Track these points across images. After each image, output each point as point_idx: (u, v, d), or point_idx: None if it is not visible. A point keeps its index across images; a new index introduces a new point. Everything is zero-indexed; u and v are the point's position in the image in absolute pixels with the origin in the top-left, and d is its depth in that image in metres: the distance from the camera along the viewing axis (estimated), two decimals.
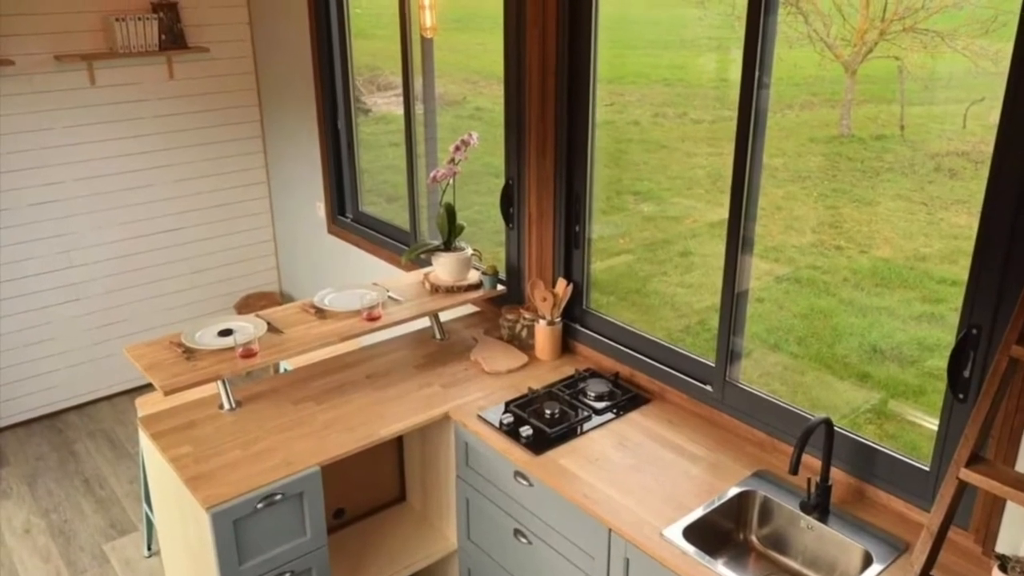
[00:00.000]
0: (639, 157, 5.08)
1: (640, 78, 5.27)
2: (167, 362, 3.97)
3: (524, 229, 4.71)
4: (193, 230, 7.16)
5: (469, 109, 7.20)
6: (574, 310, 4.61)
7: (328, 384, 4.29)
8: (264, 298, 7.48)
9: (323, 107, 6.33)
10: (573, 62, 4.27)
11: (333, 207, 6.59)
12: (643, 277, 5.02)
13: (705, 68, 4.89)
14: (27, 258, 6.42)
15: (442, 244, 4.86)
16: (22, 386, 6.64)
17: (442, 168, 4.64)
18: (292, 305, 4.65)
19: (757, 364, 4.18)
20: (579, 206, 4.46)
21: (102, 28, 6.32)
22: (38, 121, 6.23)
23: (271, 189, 7.47)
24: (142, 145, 6.73)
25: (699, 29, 4.62)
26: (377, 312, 4.42)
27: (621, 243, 5.09)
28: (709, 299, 4.47)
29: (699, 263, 4.87)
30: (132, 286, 6.95)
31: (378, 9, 6.27)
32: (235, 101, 7.10)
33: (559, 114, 4.36)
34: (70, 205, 6.51)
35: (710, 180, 4.67)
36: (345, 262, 6.63)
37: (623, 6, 4.59)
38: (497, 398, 4.10)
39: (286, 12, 6.48)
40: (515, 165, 4.65)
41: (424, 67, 5.51)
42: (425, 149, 5.67)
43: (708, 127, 4.84)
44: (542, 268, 4.68)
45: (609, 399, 4.05)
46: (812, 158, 4.24)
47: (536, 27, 4.28)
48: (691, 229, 4.97)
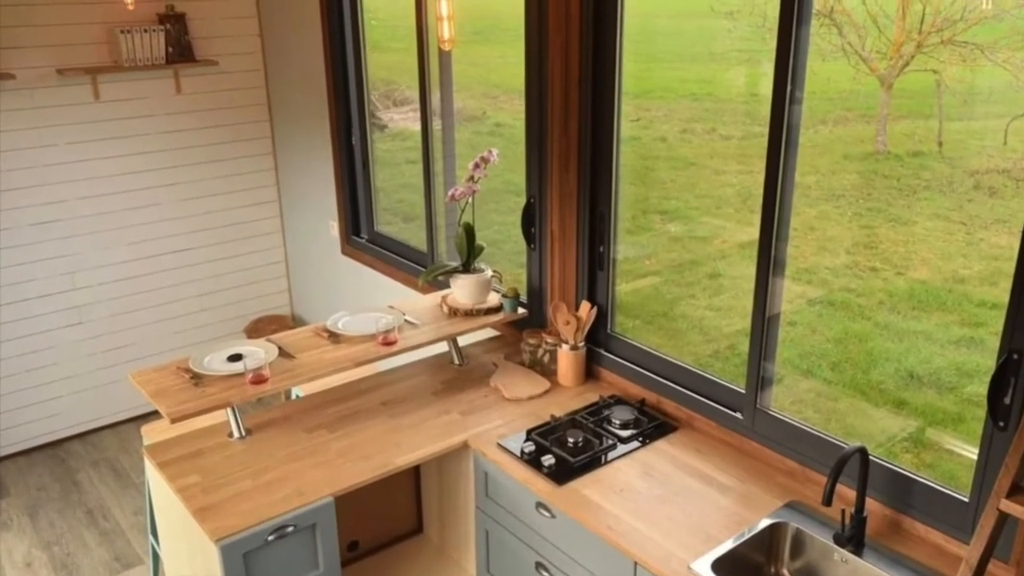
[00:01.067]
0: (666, 175, 5.09)
1: (667, 92, 5.29)
2: (174, 388, 4.01)
3: (546, 250, 4.75)
4: (201, 251, 7.22)
5: (489, 125, 7.21)
6: (598, 334, 4.63)
7: (342, 411, 4.32)
8: (275, 322, 7.53)
9: (337, 123, 6.38)
10: (597, 75, 4.30)
11: (347, 227, 6.63)
12: (670, 300, 5.03)
13: (735, 82, 4.89)
14: (28, 280, 6.48)
15: (461, 265, 4.89)
16: (23, 413, 6.69)
17: (461, 186, 4.68)
18: (304, 329, 4.70)
19: (789, 391, 4.19)
20: (603, 226, 4.49)
21: (106, 40, 6.40)
22: (40, 137, 6.30)
23: (282, 208, 7.53)
24: (148, 162, 6.80)
25: (728, 41, 4.64)
26: (393, 336, 4.47)
27: (647, 264, 5.10)
28: (739, 323, 4.49)
29: (728, 285, 4.88)
30: (138, 309, 7.00)
31: (394, 21, 6.32)
32: (245, 116, 7.17)
33: (583, 130, 4.39)
34: (73, 225, 6.57)
35: (740, 199, 4.69)
36: (359, 284, 6.66)
37: (649, 17, 4.62)
38: (518, 426, 4.13)
39: (298, 24, 6.55)
40: (537, 183, 4.68)
41: (442, 81, 5.54)
42: (443, 166, 5.71)
43: (738, 143, 4.85)
44: (565, 290, 4.71)
45: (635, 427, 4.08)
46: (846, 176, 4.25)
47: (559, 39, 4.32)
48: (720, 250, 4.98)
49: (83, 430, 6.99)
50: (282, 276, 7.75)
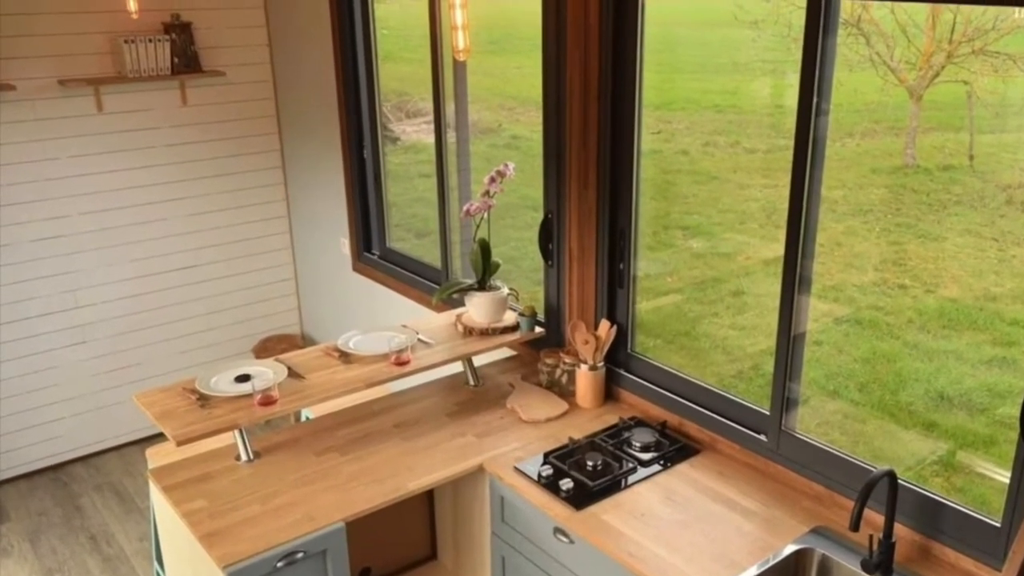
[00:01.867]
0: (688, 189, 5.10)
1: (689, 104, 5.31)
2: (180, 410, 4.04)
3: (564, 267, 4.77)
4: (208, 268, 7.25)
5: (505, 137, 7.22)
6: (618, 354, 4.65)
7: (353, 434, 4.35)
8: (284, 341, 7.57)
9: (348, 135, 6.41)
10: (617, 87, 4.33)
11: (359, 243, 6.67)
12: (692, 318, 5.04)
13: (759, 93, 4.90)
14: (29, 298, 6.52)
15: (476, 283, 4.91)
16: (24, 436, 6.71)
17: (476, 201, 4.71)
18: (314, 348, 4.72)
19: (815, 412, 4.20)
20: (624, 242, 4.51)
21: (110, 51, 6.44)
22: (41, 150, 6.33)
23: (292, 224, 7.56)
24: (153, 176, 6.83)
25: (753, 51, 4.65)
26: (406, 356, 4.49)
27: (669, 282, 5.11)
28: (763, 342, 4.49)
29: (753, 303, 4.88)
30: (142, 328, 7.04)
31: (407, 30, 6.35)
32: (253, 129, 7.21)
33: (602, 143, 4.42)
34: (76, 241, 6.60)
35: (764, 214, 4.69)
36: (371, 302, 6.68)
37: (671, 27, 4.65)
38: (535, 449, 4.15)
39: (308, 34, 6.59)
40: (555, 198, 4.71)
41: (456, 92, 5.56)
42: (458, 181, 5.72)
43: (762, 157, 4.85)
44: (584, 309, 4.73)
45: (656, 450, 4.10)
46: (874, 190, 4.26)
47: (577, 49, 4.35)
48: (744, 267, 4.98)
49: (86, 453, 7.01)
50: (291, 294, 7.78)
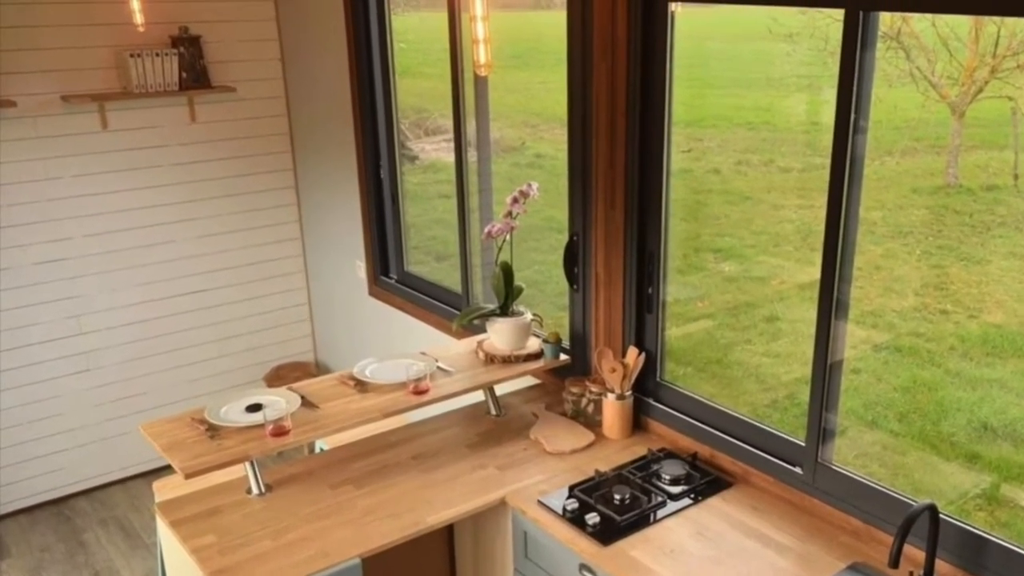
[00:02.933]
0: (720, 210, 5.10)
1: (721, 121, 5.31)
2: (188, 441, 4.08)
3: (590, 291, 4.79)
4: (218, 292, 7.29)
5: (528, 156, 7.21)
6: (647, 382, 4.67)
7: (369, 466, 4.38)
8: (297, 369, 7.60)
9: (364, 154, 6.46)
10: (645, 103, 4.35)
11: (375, 266, 6.70)
12: (724, 345, 5.04)
13: (794, 110, 4.90)
14: (31, 324, 6.56)
15: (498, 308, 4.95)
16: (25, 468, 6.74)
17: (498, 223, 4.75)
18: (329, 377, 4.76)
19: (852, 443, 4.20)
20: (652, 265, 4.53)
21: (115, 65, 6.50)
22: (44, 169, 6.38)
23: (305, 246, 7.61)
24: (161, 197, 6.87)
25: (787, 66, 4.66)
26: (425, 385, 4.53)
27: (699, 307, 5.11)
28: (798, 370, 4.49)
29: (787, 330, 4.87)
30: (149, 355, 7.07)
31: (425, 44, 6.39)
32: (265, 147, 7.26)
33: (630, 161, 4.44)
34: (80, 264, 6.65)
35: (800, 236, 4.69)
36: (389, 328, 6.71)
37: (702, 41, 4.68)
38: (560, 481, 4.18)
39: (322, 47, 6.65)
40: (580, 219, 4.74)
41: (478, 109, 5.60)
42: (479, 201, 5.76)
43: (797, 176, 4.85)
44: (611, 335, 4.75)
45: (686, 483, 4.12)
46: (915, 211, 4.26)
47: (604, 63, 4.38)
48: (778, 291, 4.96)
49: (90, 486, 7.04)
50: (305, 320, 7.82)
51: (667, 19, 4.18)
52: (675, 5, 4.16)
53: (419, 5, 6.53)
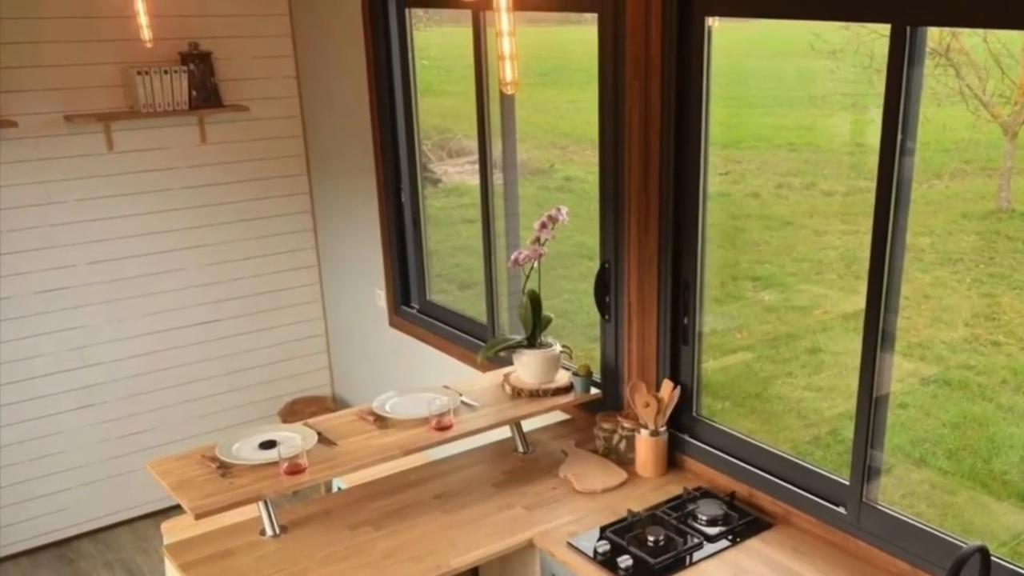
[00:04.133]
0: (759, 236, 5.10)
1: (761, 142, 5.30)
2: (199, 480, 4.11)
3: (623, 322, 4.82)
4: (230, 323, 7.31)
5: (557, 179, 7.22)
6: (682, 418, 4.67)
7: (390, 506, 4.39)
8: (314, 403, 7.60)
9: (384, 177, 6.48)
10: (681, 123, 4.35)
11: (396, 295, 6.73)
12: (764, 379, 5.04)
13: (838, 130, 4.89)
14: (33, 356, 6.59)
15: (525, 339, 4.97)
16: (27, 508, 6.76)
17: (525, 249, 4.79)
18: (347, 412, 4.81)
19: (899, 482, 4.20)
20: (688, 294, 4.53)
21: (121, 83, 6.54)
22: (46, 193, 6.41)
23: (322, 274, 7.64)
24: (170, 222, 6.90)
25: (831, 84, 4.67)
26: (448, 420, 4.56)
27: (738, 338, 5.10)
28: (842, 405, 4.49)
29: (830, 362, 4.86)
30: (157, 389, 7.09)
31: (449, 61, 6.42)
32: (280, 169, 7.29)
33: (664, 185, 4.43)
34: (84, 293, 6.68)
35: (843, 263, 4.68)
36: (410, 361, 6.73)
37: (741, 58, 4.70)
38: (591, 522, 4.19)
39: (340, 64, 6.70)
40: (612, 245, 4.77)
41: (504, 129, 5.63)
42: (505, 226, 5.79)
43: (841, 200, 4.84)
44: (644, 368, 4.76)
45: (724, 523, 4.12)
46: (965, 237, 4.26)
47: (637, 81, 4.40)
48: (821, 322, 4.95)
49: (95, 527, 7.04)
50: (322, 352, 7.83)
51: (703, 34, 4.19)
52: (712, 20, 4.17)
53: (442, 20, 6.55)
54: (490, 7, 2.56)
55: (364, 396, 7.05)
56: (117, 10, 6.10)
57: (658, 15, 4.24)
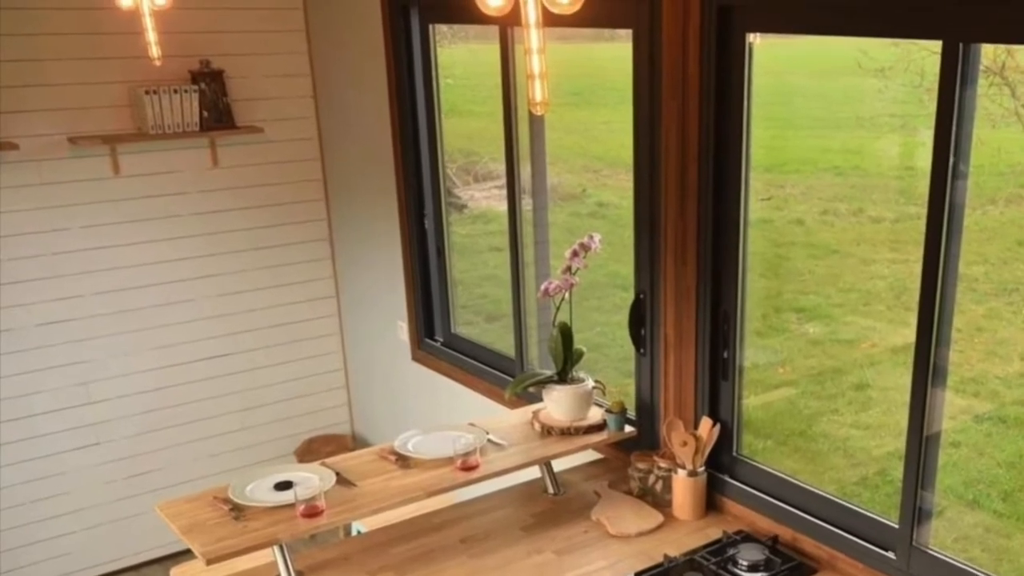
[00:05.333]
0: (803, 265, 5.12)
1: (805, 165, 5.31)
2: (210, 522, 4.13)
3: (659, 356, 4.84)
4: (243, 357, 7.35)
5: (590, 205, 7.23)
6: (721, 457, 4.68)
7: (412, 550, 4.41)
8: (332, 442, 7.64)
9: (407, 202, 6.52)
10: (720, 146, 4.36)
11: (419, 328, 6.76)
12: (808, 416, 5.06)
13: (886, 153, 4.89)
14: (35, 392, 6.64)
15: (555, 374, 4.99)
16: (28, 553, 6.79)
17: (556, 279, 4.82)
18: (367, 451, 4.84)
19: (951, 525, 4.20)
20: (728, 327, 4.55)
21: (128, 103, 6.59)
22: (49, 219, 6.46)
23: (341, 305, 7.68)
24: (179, 250, 6.96)
25: (879, 104, 4.67)
26: (474, 460, 4.58)
27: (781, 373, 5.11)
28: (891, 443, 4.49)
29: (878, 398, 4.85)
30: (166, 427, 7.13)
31: (475, 80, 6.44)
32: (296, 195, 7.34)
33: (703, 211, 4.45)
34: (89, 325, 6.74)
35: (892, 294, 4.69)
36: (434, 397, 6.76)
37: (784, 76, 4.73)
38: (625, 567, 4.21)
39: (360, 83, 6.76)
40: (647, 275, 4.80)
41: (533, 151, 5.66)
42: (535, 255, 5.81)
43: (890, 227, 4.85)
44: (681, 405, 4.78)
45: (766, 569, 4.13)
46: (1021, 266, 4.27)
47: (674, 101, 4.43)
48: (868, 356, 4.95)
49: (100, 573, 7.06)
50: (340, 387, 7.86)
51: (744, 52, 4.20)
52: (753, 36, 4.17)
53: (468, 37, 6.58)
54: (519, 23, 2.59)
55: (385, 434, 7.07)
56: (124, 26, 5.96)
57: (696, 31, 4.25)
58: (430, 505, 4.83)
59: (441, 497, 4.72)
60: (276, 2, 7.04)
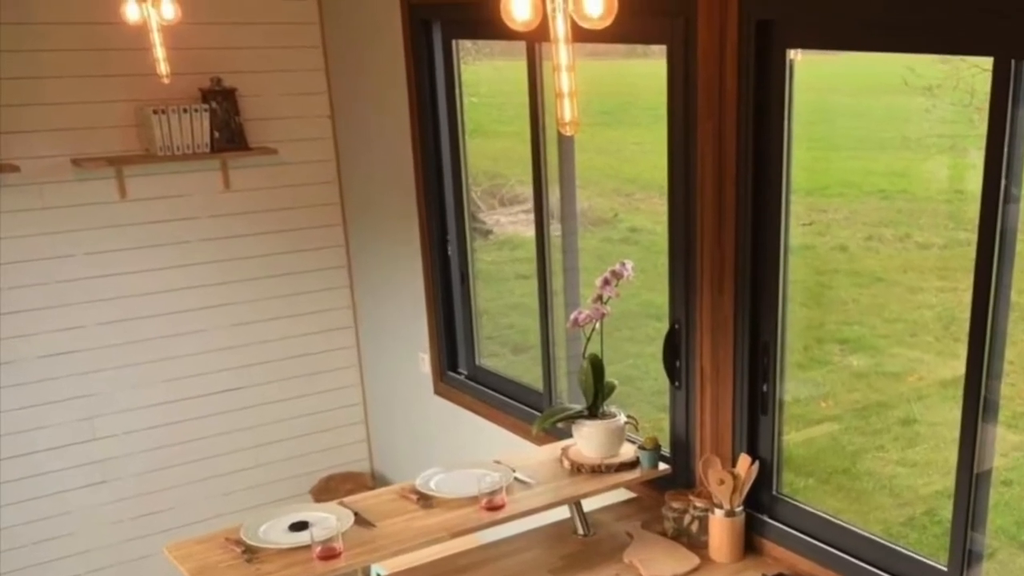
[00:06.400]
0: (847, 293, 5.12)
1: (848, 188, 5.31)
2: (222, 565, 4.14)
3: (694, 389, 4.86)
4: (257, 391, 7.36)
5: (622, 230, 7.24)
6: (760, 496, 4.68)
7: None
8: (350, 480, 7.65)
9: (429, 227, 6.55)
10: (759, 168, 4.36)
11: (442, 360, 6.79)
12: (852, 452, 5.06)
13: (934, 175, 4.88)
14: (37, 427, 6.67)
15: (586, 409, 5.01)
16: None
17: (586, 308, 4.85)
18: (387, 490, 4.87)
19: (1003, 568, 4.19)
20: (767, 359, 4.55)
21: (135, 123, 6.61)
22: (52, 246, 6.48)
23: (360, 336, 7.71)
24: (189, 278, 6.98)
25: (926, 124, 4.67)
26: (500, 499, 4.59)
27: (823, 407, 5.11)
28: (939, 482, 4.49)
29: (926, 434, 4.85)
30: (176, 465, 7.14)
31: (501, 98, 6.45)
32: (312, 219, 7.36)
33: (741, 237, 4.46)
34: (94, 357, 6.76)
35: (941, 324, 4.69)
36: (457, 432, 6.79)
37: (826, 94, 4.74)
38: None
39: (380, 102, 6.80)
40: (683, 304, 4.82)
41: (562, 174, 5.68)
42: (564, 283, 5.84)
43: (938, 254, 4.85)
44: (718, 441, 4.79)
45: None
46: None
47: (711, 121, 4.44)
48: (915, 389, 4.95)
49: None
50: (359, 423, 7.88)
51: (785, 69, 4.20)
52: (794, 52, 4.18)
53: (493, 53, 6.60)
54: (547, 38, 2.61)
55: (406, 472, 7.04)
56: (130, 42, 5.86)
57: (734, 47, 4.26)
58: (454, 547, 4.80)
59: (465, 538, 4.72)
60: (291, 17, 7.05)
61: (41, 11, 6.20)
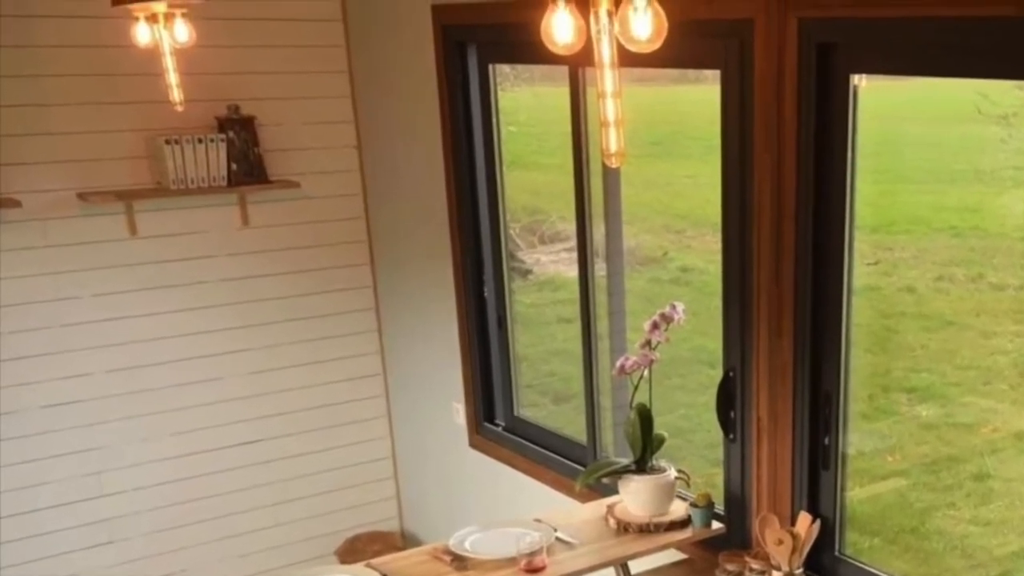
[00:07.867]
0: (915, 338, 5.15)
1: (917, 225, 5.32)
2: None
3: (750, 442, 4.89)
4: (277, 443, 7.37)
5: (672, 270, 7.28)
6: (822, 557, 4.69)
7: None
8: (378, 540, 7.66)
9: (463, 267, 6.59)
10: (820, 203, 4.38)
11: (477, 410, 6.82)
12: (921, 510, 5.08)
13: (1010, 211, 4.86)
14: (39, 483, 6.70)
15: (633, 463, 5.04)
16: None
17: (633, 355, 4.90)
18: (419, 551, 4.93)
19: None
20: (829, 409, 4.56)
21: (146, 154, 6.65)
22: (56, 287, 6.52)
23: (389, 384, 7.75)
24: (205, 321, 7.02)
25: (1001, 155, 4.69)
26: (540, 560, 4.60)
27: (889, 461, 5.13)
28: (1015, 541, 4.50)
29: (1001, 490, 4.86)
30: (189, 523, 7.15)
31: (541, 127, 6.48)
32: (337, 258, 7.40)
33: (800, 278, 4.49)
34: (101, 408, 6.80)
35: (1017, 371, 4.69)
36: (494, 488, 6.82)
37: (893, 122, 4.75)
38: None
39: (410, 131, 6.85)
40: (738, 350, 4.87)
41: (607, 209, 5.74)
42: (609, 327, 5.88)
43: (1014, 296, 4.85)
44: (776, 498, 4.82)
45: None
46: None
47: (768, 154, 4.48)
48: (989, 441, 4.96)
49: None
50: (388, 478, 7.90)
51: (848, 96, 4.23)
52: (858, 78, 4.21)
53: (533, 79, 6.63)
54: (591, 63, 2.60)
55: (439, 531, 6.93)
56: (141, 67, 5.63)
57: (793, 72, 4.29)
58: None
59: None
60: (315, 39, 7.09)
61: (44, 33, 6.24)
